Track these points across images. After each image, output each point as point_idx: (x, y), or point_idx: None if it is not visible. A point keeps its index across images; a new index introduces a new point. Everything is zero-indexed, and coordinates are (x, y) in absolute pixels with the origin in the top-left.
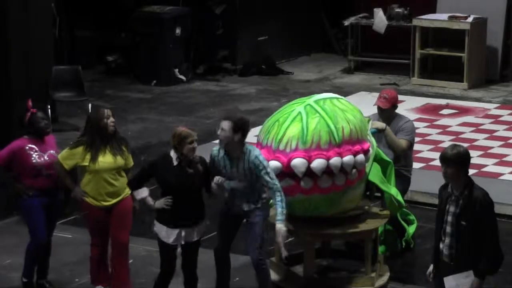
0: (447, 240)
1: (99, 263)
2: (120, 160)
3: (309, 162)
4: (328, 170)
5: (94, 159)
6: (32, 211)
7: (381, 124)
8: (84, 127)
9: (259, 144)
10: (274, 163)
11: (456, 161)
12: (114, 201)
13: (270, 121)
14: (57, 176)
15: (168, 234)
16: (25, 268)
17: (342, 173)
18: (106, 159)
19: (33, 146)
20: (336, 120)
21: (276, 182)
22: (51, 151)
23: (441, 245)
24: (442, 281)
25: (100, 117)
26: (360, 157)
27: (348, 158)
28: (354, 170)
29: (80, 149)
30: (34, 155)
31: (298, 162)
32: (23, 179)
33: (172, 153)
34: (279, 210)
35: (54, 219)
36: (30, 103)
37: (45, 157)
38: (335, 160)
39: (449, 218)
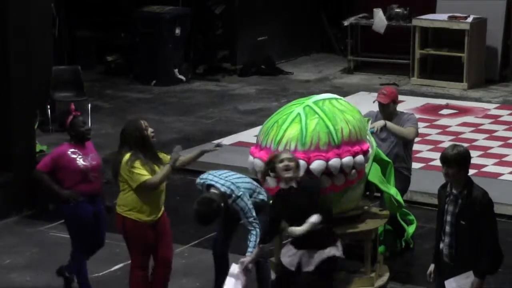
0: (446, 240)
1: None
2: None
3: (308, 163)
4: (327, 171)
5: (153, 171)
6: (84, 218)
7: (379, 123)
8: (125, 143)
9: (258, 145)
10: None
11: (457, 161)
12: (160, 213)
13: (269, 122)
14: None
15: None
16: (69, 266)
17: (342, 173)
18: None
19: (76, 150)
20: (335, 121)
21: (255, 225)
22: (93, 154)
23: (441, 245)
24: (442, 281)
25: (141, 129)
26: (360, 157)
27: (347, 159)
28: (353, 171)
29: (139, 164)
30: (78, 159)
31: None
32: (69, 185)
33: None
34: (250, 245)
35: (104, 224)
36: (73, 106)
37: (89, 160)
38: (334, 162)
39: (448, 218)
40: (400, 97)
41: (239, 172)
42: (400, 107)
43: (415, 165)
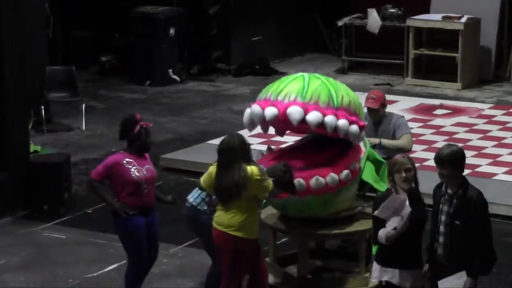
0: (441, 240)
1: None
2: None
3: (305, 113)
4: (320, 130)
5: None
6: (135, 231)
7: (374, 140)
8: (236, 158)
9: (257, 101)
10: (271, 109)
11: (450, 161)
12: None
13: (269, 85)
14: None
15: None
16: None
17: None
18: None
19: (131, 160)
20: (337, 88)
21: None
22: (148, 165)
23: (435, 245)
24: (436, 281)
25: (244, 141)
26: (355, 127)
27: (343, 121)
28: (347, 171)
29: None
30: (132, 170)
31: (294, 110)
32: (122, 196)
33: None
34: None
35: (157, 238)
36: (139, 116)
37: (144, 171)
38: (330, 118)
39: (443, 218)
40: (394, 97)
41: None
42: (394, 107)
43: None
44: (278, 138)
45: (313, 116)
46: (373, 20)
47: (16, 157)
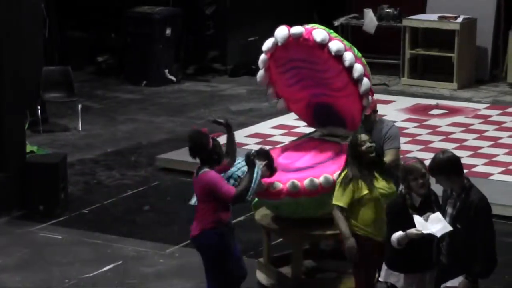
0: (445, 242)
1: None
2: None
3: (329, 40)
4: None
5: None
6: (230, 247)
7: None
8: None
9: None
10: (297, 27)
11: (441, 172)
12: None
13: None
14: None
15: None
16: None
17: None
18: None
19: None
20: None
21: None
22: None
23: (441, 246)
24: (440, 281)
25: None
26: (367, 80)
27: (359, 66)
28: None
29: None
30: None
31: (320, 31)
32: (219, 212)
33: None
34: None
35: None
36: (205, 129)
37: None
38: (350, 55)
39: (447, 220)
40: (390, 97)
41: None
42: (390, 107)
43: None
44: (273, 139)
45: (336, 44)
46: (369, 20)
47: (12, 158)
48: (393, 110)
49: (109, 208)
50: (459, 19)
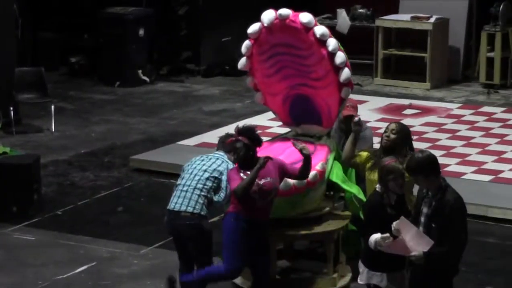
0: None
1: None
2: None
3: (315, 24)
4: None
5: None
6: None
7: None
8: None
9: None
10: (284, 9)
11: (420, 171)
12: None
13: None
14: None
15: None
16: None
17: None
18: None
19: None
20: None
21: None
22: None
23: None
24: (416, 281)
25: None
26: (348, 71)
27: (342, 54)
28: (314, 172)
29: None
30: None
31: (307, 15)
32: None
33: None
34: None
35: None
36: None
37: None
38: (333, 41)
39: (422, 219)
40: (364, 98)
41: None
42: (363, 107)
43: None
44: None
45: (321, 29)
46: (343, 20)
47: None
48: (366, 110)
49: (83, 209)
50: (432, 19)
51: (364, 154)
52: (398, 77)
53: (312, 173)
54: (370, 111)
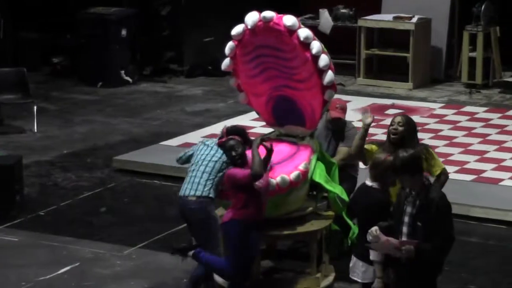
0: (405, 240)
1: None
2: None
3: (299, 27)
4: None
5: None
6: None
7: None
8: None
9: None
10: (268, 11)
11: (406, 169)
12: None
13: None
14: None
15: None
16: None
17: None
18: None
19: None
20: None
21: None
22: None
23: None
24: (400, 280)
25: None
26: (331, 73)
27: (326, 56)
28: (297, 172)
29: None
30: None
31: (291, 17)
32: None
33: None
34: None
35: None
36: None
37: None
38: (317, 44)
39: (406, 219)
40: (346, 98)
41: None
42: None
43: (361, 165)
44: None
45: (305, 32)
46: (325, 20)
47: None
48: (349, 110)
49: (66, 210)
50: (414, 19)
51: (374, 147)
52: (380, 77)
53: (295, 173)
54: (353, 111)
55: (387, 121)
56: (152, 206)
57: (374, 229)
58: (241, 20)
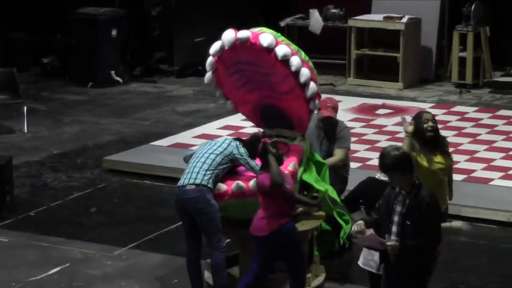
0: (393, 239)
1: None
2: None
3: (276, 44)
4: (283, 72)
5: (429, 161)
6: None
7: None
8: None
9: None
10: (244, 31)
11: (397, 168)
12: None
13: None
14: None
15: None
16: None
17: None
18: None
19: None
20: (304, 54)
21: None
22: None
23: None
24: (390, 280)
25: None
26: (314, 85)
27: (306, 70)
28: (286, 172)
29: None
30: None
31: (267, 36)
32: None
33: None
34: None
35: None
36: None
37: None
38: (297, 59)
39: (395, 218)
40: (337, 97)
41: (178, 175)
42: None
43: (352, 165)
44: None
45: (283, 49)
46: (315, 20)
47: None
48: (339, 110)
49: (56, 210)
50: (404, 19)
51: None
52: (371, 77)
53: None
54: (343, 111)
55: (378, 121)
56: (142, 206)
57: (360, 223)
58: (233, 21)
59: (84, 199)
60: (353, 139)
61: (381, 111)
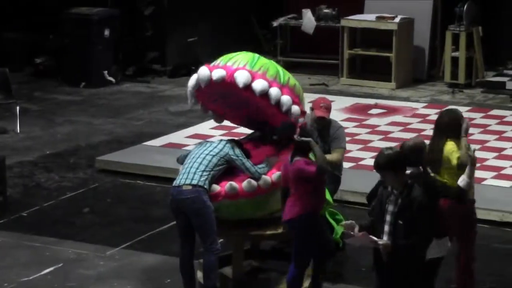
0: (385, 239)
1: None
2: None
3: (252, 80)
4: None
5: None
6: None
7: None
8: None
9: (206, 64)
10: (219, 71)
11: (390, 167)
12: None
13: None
14: None
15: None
16: None
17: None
18: None
19: None
20: (284, 72)
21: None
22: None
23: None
24: (382, 280)
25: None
26: (297, 108)
27: (287, 97)
28: (278, 173)
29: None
30: None
31: (242, 73)
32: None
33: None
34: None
35: None
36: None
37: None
38: (276, 90)
39: (388, 218)
40: (330, 97)
41: (171, 175)
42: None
43: (345, 165)
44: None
45: (260, 84)
46: (308, 20)
47: None
48: (332, 110)
49: (49, 210)
50: (397, 19)
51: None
52: (363, 77)
53: (276, 174)
54: (336, 111)
55: (371, 121)
56: (135, 206)
57: (350, 222)
58: (225, 21)
59: (77, 199)
60: (346, 139)
61: (374, 111)
